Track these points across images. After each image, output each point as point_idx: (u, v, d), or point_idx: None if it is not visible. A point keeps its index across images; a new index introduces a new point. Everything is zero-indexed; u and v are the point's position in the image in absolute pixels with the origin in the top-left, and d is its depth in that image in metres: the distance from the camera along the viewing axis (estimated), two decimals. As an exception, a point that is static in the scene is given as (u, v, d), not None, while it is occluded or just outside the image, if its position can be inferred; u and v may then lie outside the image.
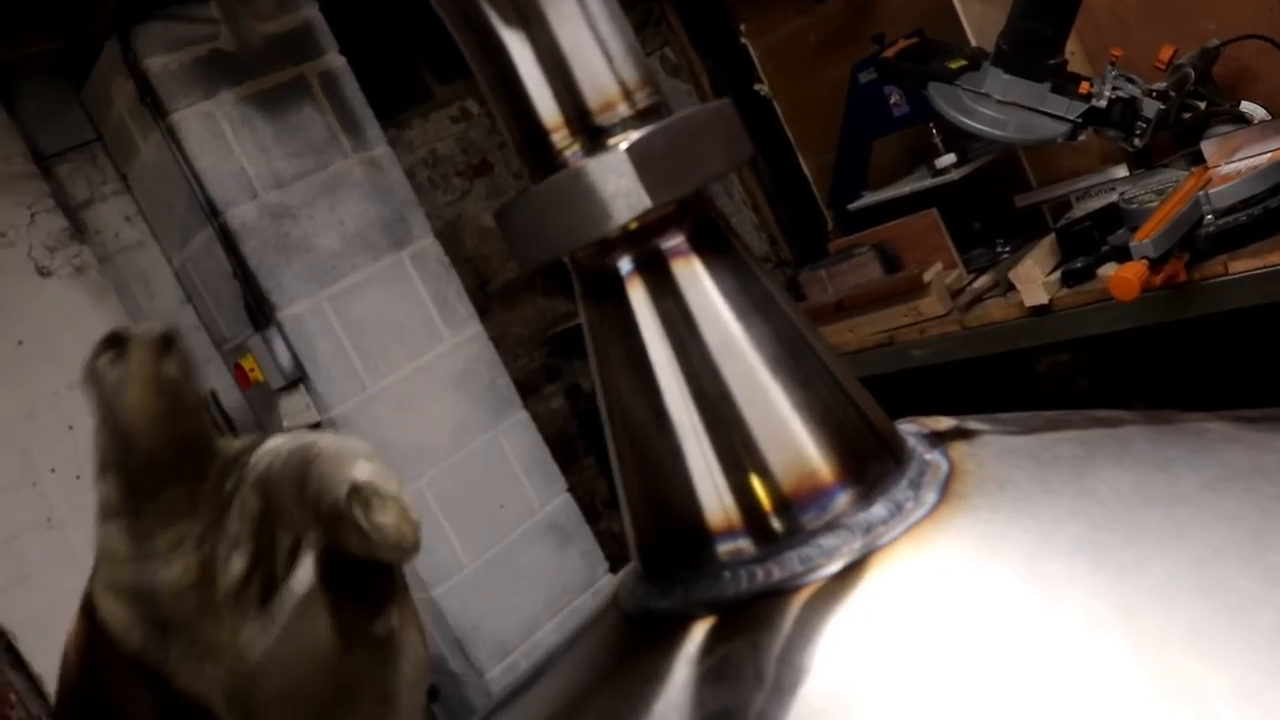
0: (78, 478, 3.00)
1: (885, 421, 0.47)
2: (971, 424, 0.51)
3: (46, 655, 2.90)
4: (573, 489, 3.26)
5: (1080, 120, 2.40)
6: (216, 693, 0.39)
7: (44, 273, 3.02)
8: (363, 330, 2.92)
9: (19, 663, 2.91)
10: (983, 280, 2.78)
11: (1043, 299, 2.45)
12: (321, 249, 2.89)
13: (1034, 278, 2.48)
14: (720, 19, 3.86)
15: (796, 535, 0.43)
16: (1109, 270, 2.36)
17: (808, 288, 3.05)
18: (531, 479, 3.09)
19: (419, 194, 3.26)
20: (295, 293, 2.85)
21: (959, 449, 0.47)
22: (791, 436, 0.43)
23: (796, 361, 0.44)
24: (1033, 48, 2.39)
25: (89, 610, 0.41)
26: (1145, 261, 2.09)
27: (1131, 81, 2.42)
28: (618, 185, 0.41)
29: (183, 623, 0.39)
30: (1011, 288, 2.57)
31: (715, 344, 0.43)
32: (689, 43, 3.93)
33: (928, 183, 2.95)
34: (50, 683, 2.90)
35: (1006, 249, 2.91)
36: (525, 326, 3.73)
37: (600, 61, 0.44)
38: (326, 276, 2.89)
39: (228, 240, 2.83)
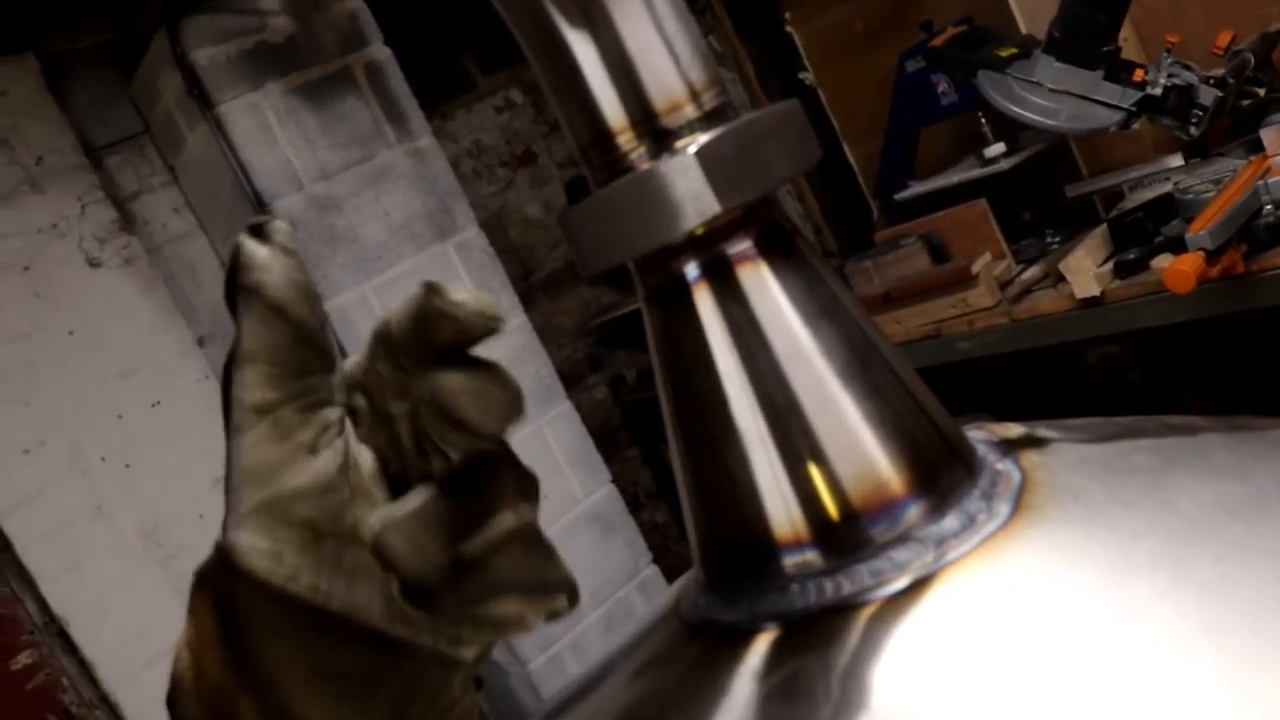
0: (127, 466, 3.03)
1: (955, 429, 0.46)
2: (1042, 431, 0.49)
3: (97, 641, 2.95)
4: (615, 480, 3.26)
5: (1134, 109, 2.35)
6: (375, 605, 0.39)
7: (94, 263, 3.05)
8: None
9: (71, 648, 2.95)
10: (1032, 271, 2.74)
11: (1094, 290, 2.42)
12: (367, 240, 2.90)
13: (1085, 269, 2.45)
14: (765, 6, 3.83)
15: (866, 548, 0.42)
16: (1163, 261, 2.32)
17: (854, 278, 3.02)
18: (575, 470, 3.09)
19: (463, 184, 3.26)
20: (341, 283, 2.86)
21: (1030, 458, 0.46)
22: (861, 447, 0.42)
23: (866, 368, 0.43)
24: (1086, 35, 2.35)
25: (214, 576, 0.41)
26: (1201, 253, 2.05)
27: (1188, 68, 2.37)
28: (686, 189, 0.40)
29: (333, 526, 0.38)
30: (1062, 279, 2.53)
31: (783, 351, 0.42)
32: (734, 30, 3.91)
33: (976, 172, 2.91)
34: (101, 668, 2.95)
35: (1056, 239, 2.87)
36: (569, 316, 3.73)
37: (667, 61, 0.43)
38: (372, 267, 2.90)
39: (274, 231, 2.85)
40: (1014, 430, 0.49)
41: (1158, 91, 2.34)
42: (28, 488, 2.88)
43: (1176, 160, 2.63)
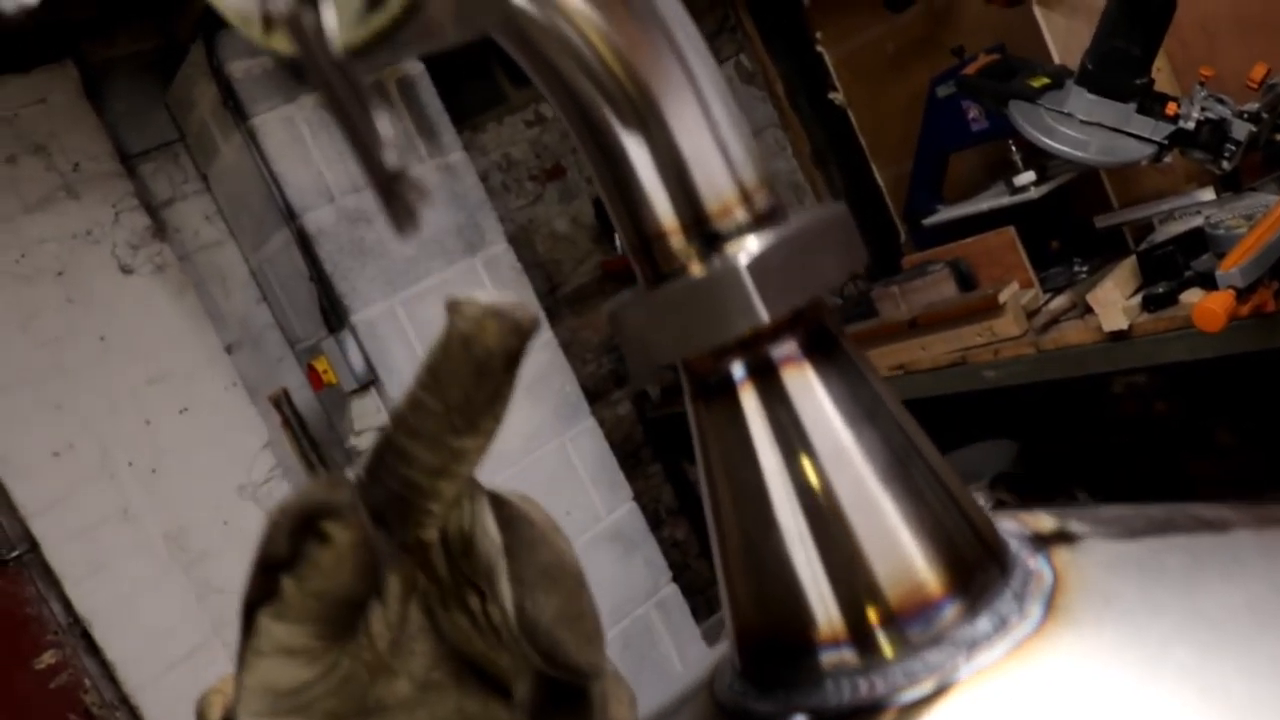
0: (154, 471, 3.07)
1: (990, 526, 0.47)
2: (1073, 525, 0.50)
3: (120, 642, 2.98)
4: (637, 496, 3.27)
5: (1166, 142, 2.35)
6: None
7: (126, 270, 3.09)
8: (435, 335, 2.95)
9: (93, 649, 2.99)
10: (1059, 301, 2.74)
11: (1122, 324, 2.41)
12: (396, 254, 2.93)
13: (1113, 301, 2.44)
14: (796, 26, 3.84)
15: (901, 649, 0.43)
16: (1192, 296, 2.32)
17: (880, 303, 3.02)
18: (598, 487, 3.11)
19: (492, 198, 3.28)
20: (369, 296, 2.89)
21: (1062, 556, 0.47)
22: (900, 548, 0.43)
23: (906, 469, 0.44)
24: (1119, 67, 2.35)
25: None
26: (1232, 291, 2.04)
27: (1221, 102, 2.37)
28: (735, 299, 0.41)
29: (357, 708, 0.38)
30: (1089, 310, 2.53)
31: (826, 453, 0.43)
32: (764, 50, 3.92)
33: (1005, 200, 2.91)
34: (123, 670, 2.98)
35: (1084, 269, 2.86)
36: (595, 332, 3.74)
37: (719, 165, 0.44)
38: (400, 281, 2.93)
39: (304, 243, 2.88)
40: (1046, 523, 0.50)
41: (1190, 125, 2.33)
42: (56, 490, 2.92)
43: (1208, 194, 2.62)
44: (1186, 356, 2.35)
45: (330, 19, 0.31)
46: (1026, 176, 2.89)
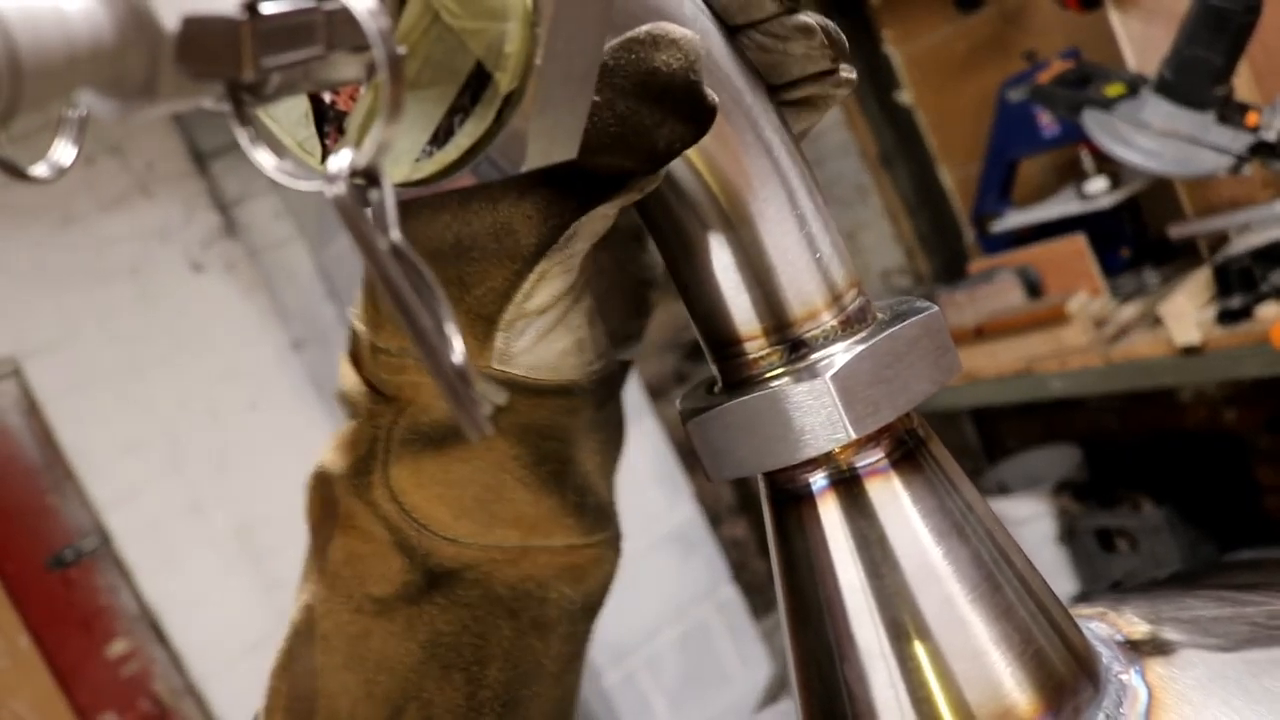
0: (222, 466, 3.12)
1: (1082, 639, 0.45)
2: (1168, 633, 0.48)
3: (189, 633, 3.04)
4: (696, 493, 3.26)
5: (1245, 154, 2.28)
6: None
7: (197, 268, 3.14)
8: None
9: (163, 639, 3.04)
10: (1129, 311, 2.68)
11: (1194, 339, 2.35)
12: (460, 255, 2.94)
13: (1186, 314, 2.38)
14: (864, 25, 3.78)
15: (989, 776, 0.41)
16: (1269, 311, 2.26)
17: (945, 309, 2.96)
18: (659, 487, 3.10)
19: (557, 198, 3.26)
20: (434, 296, 2.90)
21: (1156, 671, 0.45)
22: (989, 671, 0.42)
23: (996, 587, 0.43)
24: (1199, 76, 2.27)
25: None
26: (1312, 310, 1.99)
27: (1305, 111, 2.29)
28: (820, 415, 0.40)
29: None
30: (1159, 321, 2.47)
31: (911, 570, 0.42)
32: (831, 48, 3.86)
33: (1076, 208, 2.85)
34: (191, 660, 3.04)
35: (1156, 278, 2.80)
36: (659, 330, 3.73)
37: (807, 266, 0.42)
38: (464, 282, 2.94)
39: (370, 244, 2.89)
40: (1139, 629, 0.49)
41: (1272, 136, 2.26)
42: (128, 484, 2.97)
43: (1288, 205, 2.54)
44: (1261, 373, 2.28)
45: (391, 202, 0.28)
46: (1098, 184, 2.81)
